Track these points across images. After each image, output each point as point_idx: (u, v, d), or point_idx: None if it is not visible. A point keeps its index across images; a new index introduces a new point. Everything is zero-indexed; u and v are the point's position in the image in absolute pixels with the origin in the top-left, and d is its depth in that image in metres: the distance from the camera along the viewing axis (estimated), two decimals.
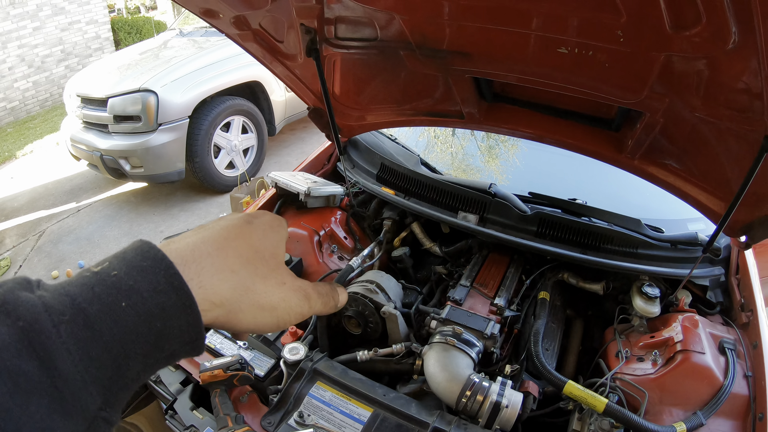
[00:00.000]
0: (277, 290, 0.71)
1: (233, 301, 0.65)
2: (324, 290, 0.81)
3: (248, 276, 0.67)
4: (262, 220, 0.76)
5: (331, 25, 2.07)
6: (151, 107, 6.02)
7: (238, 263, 0.67)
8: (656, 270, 2.27)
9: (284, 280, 0.73)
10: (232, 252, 0.67)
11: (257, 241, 0.72)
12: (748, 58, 1.34)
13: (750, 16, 1.19)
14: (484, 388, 1.79)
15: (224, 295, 0.64)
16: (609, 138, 2.16)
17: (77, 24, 12.73)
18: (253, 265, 0.69)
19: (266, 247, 0.72)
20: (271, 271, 0.71)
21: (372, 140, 3.14)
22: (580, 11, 1.47)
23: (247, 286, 0.67)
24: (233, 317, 0.66)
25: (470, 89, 2.18)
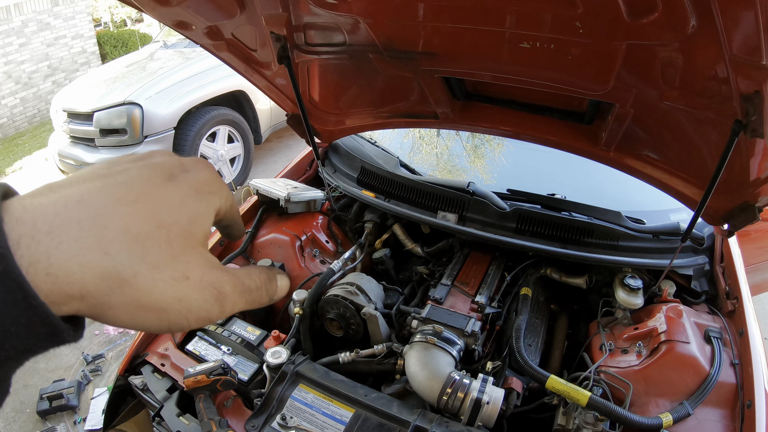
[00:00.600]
0: (171, 287, 0.49)
1: (98, 296, 0.45)
2: (253, 283, 0.59)
3: (129, 262, 0.46)
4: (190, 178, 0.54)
5: (301, 32, 2.08)
6: (136, 120, 6.00)
7: (117, 241, 0.45)
8: (638, 261, 2.27)
9: (188, 273, 0.50)
10: (116, 224, 0.45)
11: (166, 210, 0.49)
12: (711, 43, 1.35)
13: (707, 1, 1.19)
14: (464, 386, 1.79)
15: (86, 286, 0.44)
16: (583, 131, 2.16)
17: (63, 39, 12.70)
18: (141, 247, 0.46)
19: (178, 220, 0.50)
20: (171, 258, 0.49)
21: (352, 144, 3.15)
22: (537, 5, 1.48)
23: (124, 278, 0.45)
24: (101, 314, 0.47)
25: (442, 89, 2.19)
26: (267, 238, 2.66)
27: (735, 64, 1.35)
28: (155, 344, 2.27)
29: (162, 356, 2.22)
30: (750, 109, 1.45)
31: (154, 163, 0.52)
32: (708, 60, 1.44)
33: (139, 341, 2.25)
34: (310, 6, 1.83)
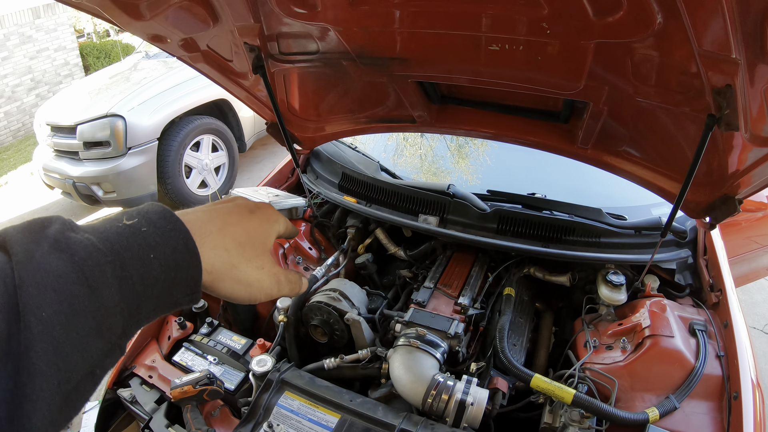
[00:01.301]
0: (255, 272, 0.85)
1: (220, 272, 0.79)
2: (293, 278, 0.95)
3: (237, 256, 0.82)
4: (263, 212, 0.92)
5: (274, 42, 2.08)
6: (120, 132, 5.98)
7: (232, 244, 0.81)
8: (620, 257, 2.28)
9: (263, 265, 0.87)
10: (230, 234, 0.82)
11: (252, 230, 0.87)
12: (679, 39, 1.35)
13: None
14: (448, 387, 1.79)
15: (215, 266, 0.78)
16: (560, 130, 2.17)
17: (45, 51, 12.67)
18: (242, 248, 0.83)
19: (258, 236, 0.87)
20: (255, 256, 0.85)
21: (333, 150, 3.15)
22: (503, 8, 1.48)
23: (233, 264, 0.81)
24: (216, 284, 0.80)
25: (416, 93, 2.19)
26: None
27: (705, 59, 1.36)
28: (143, 356, 2.27)
29: (149, 368, 2.21)
30: (722, 102, 1.45)
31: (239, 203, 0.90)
32: (678, 56, 1.45)
33: (126, 354, 2.25)
34: (281, 16, 1.83)
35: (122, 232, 0.66)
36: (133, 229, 0.67)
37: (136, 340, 2.33)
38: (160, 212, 0.71)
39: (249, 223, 0.87)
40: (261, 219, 0.90)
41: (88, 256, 0.61)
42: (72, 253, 0.60)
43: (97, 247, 0.63)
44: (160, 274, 0.68)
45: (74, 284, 0.59)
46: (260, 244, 0.88)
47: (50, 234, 0.62)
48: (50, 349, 0.55)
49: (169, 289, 0.70)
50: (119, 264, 0.63)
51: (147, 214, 0.70)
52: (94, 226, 0.67)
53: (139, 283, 0.66)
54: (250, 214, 0.89)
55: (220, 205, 0.87)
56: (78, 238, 0.63)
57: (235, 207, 0.88)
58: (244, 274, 0.83)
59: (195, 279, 0.73)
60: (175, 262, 0.69)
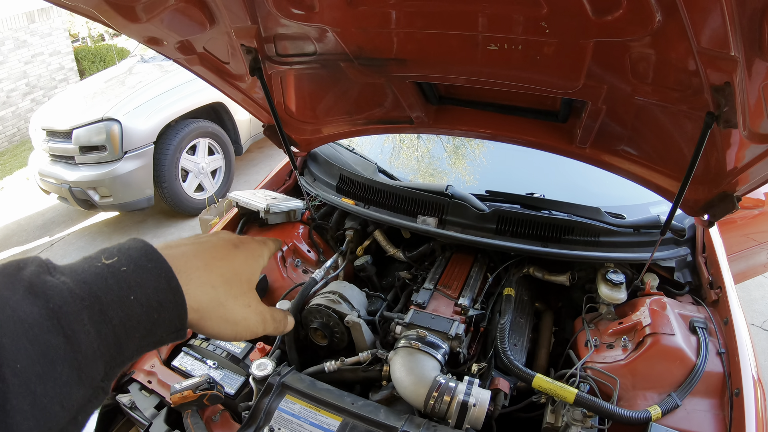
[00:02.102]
0: (242, 310, 0.85)
1: (207, 310, 0.78)
2: (278, 316, 0.96)
3: (223, 293, 0.81)
4: (247, 246, 0.92)
5: (271, 43, 2.07)
6: (116, 136, 5.99)
7: (218, 281, 0.80)
8: (620, 256, 2.28)
9: (250, 303, 0.87)
10: (216, 271, 0.81)
11: (238, 266, 0.86)
12: (678, 38, 1.35)
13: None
14: (450, 389, 1.78)
15: (202, 303, 0.77)
16: (558, 130, 2.17)
17: (40, 56, 12.65)
18: (229, 285, 0.82)
19: (244, 272, 0.87)
20: (242, 293, 0.85)
21: (330, 152, 3.15)
22: (502, 7, 1.48)
23: (220, 302, 0.80)
24: (203, 322, 0.78)
25: (414, 94, 2.18)
26: None
27: (704, 57, 1.36)
28: (141, 361, 2.25)
29: (149, 373, 2.20)
30: (721, 100, 1.45)
31: (223, 237, 0.90)
32: (677, 54, 1.45)
33: None
34: (279, 18, 1.83)
35: (101, 273, 0.65)
36: (112, 269, 0.66)
37: None
38: (141, 249, 0.70)
39: (235, 259, 0.87)
40: (246, 254, 0.90)
41: (64, 303, 0.60)
42: (47, 299, 0.59)
43: (74, 292, 0.61)
44: (142, 315, 0.66)
45: (49, 333, 0.57)
46: (246, 280, 0.88)
47: (25, 277, 0.60)
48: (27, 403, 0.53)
49: (153, 329, 0.68)
50: (98, 308, 0.62)
51: (128, 252, 0.69)
52: (72, 267, 0.65)
53: (119, 325, 0.64)
54: (235, 249, 0.89)
55: (204, 239, 0.87)
56: (53, 282, 0.61)
57: (219, 241, 0.88)
58: (231, 312, 0.83)
59: (180, 317, 0.72)
60: (158, 301, 0.68)
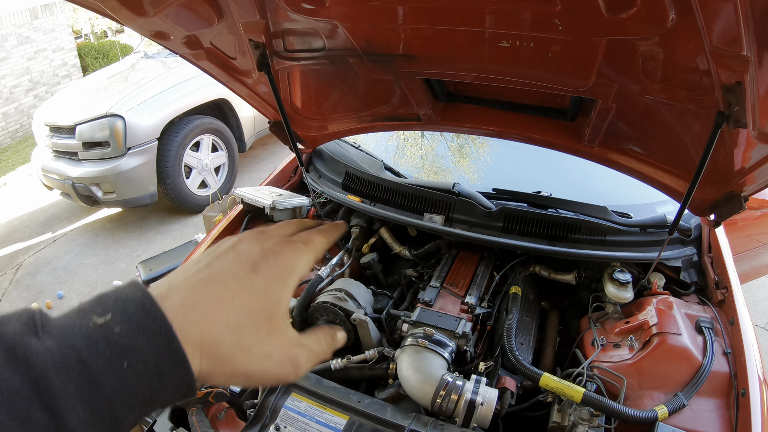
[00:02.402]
0: (258, 363, 0.68)
1: (209, 371, 0.65)
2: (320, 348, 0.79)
3: (229, 348, 0.65)
4: (272, 265, 0.73)
5: (279, 38, 2.07)
6: (119, 132, 5.98)
7: (221, 333, 0.65)
8: (626, 255, 2.28)
9: (271, 352, 0.69)
10: (220, 319, 0.65)
11: (254, 302, 0.68)
12: (691, 36, 1.35)
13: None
14: (458, 387, 1.78)
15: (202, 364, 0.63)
16: (566, 128, 2.16)
17: (43, 52, 12.65)
18: (238, 335, 0.66)
19: (264, 307, 0.69)
20: (259, 341, 0.68)
21: (336, 149, 3.14)
22: (515, 4, 1.47)
23: (225, 359, 0.65)
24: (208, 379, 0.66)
25: (423, 91, 2.18)
26: None
27: (716, 56, 1.35)
28: None
29: None
30: (732, 100, 1.45)
31: (241, 254, 0.72)
32: (689, 53, 1.44)
33: None
34: (288, 12, 1.82)
35: (91, 335, 0.56)
36: (104, 329, 0.57)
37: None
38: (138, 302, 0.60)
39: (251, 292, 0.69)
40: (269, 279, 0.71)
41: (46, 373, 0.52)
42: (29, 366, 0.51)
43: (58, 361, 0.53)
44: (140, 384, 0.57)
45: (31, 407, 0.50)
46: (265, 319, 0.69)
47: (8, 337, 0.53)
48: None
49: (154, 396, 0.59)
50: (87, 378, 0.54)
51: (124, 306, 0.59)
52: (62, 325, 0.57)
53: (112, 395, 0.55)
54: (252, 275, 0.70)
55: (215, 265, 0.70)
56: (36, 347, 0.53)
57: (232, 267, 0.70)
58: (241, 367, 0.67)
59: (186, 382, 0.62)
60: (157, 368, 0.58)
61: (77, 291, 5.85)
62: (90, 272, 6.18)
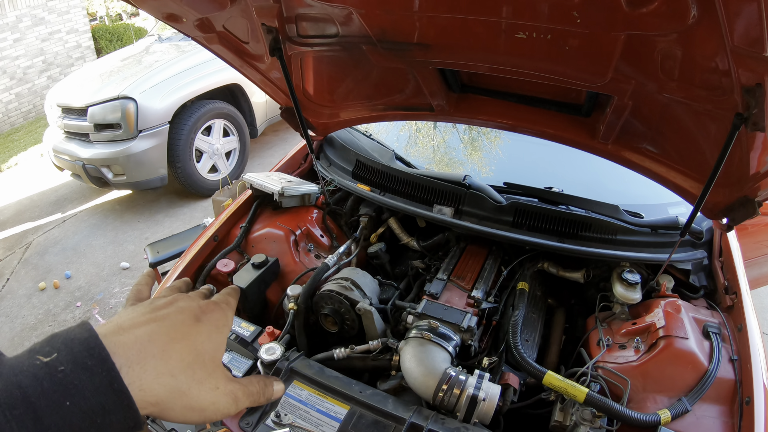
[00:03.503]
0: (209, 395, 0.75)
1: (167, 402, 0.70)
2: (255, 389, 0.86)
3: (185, 381, 0.72)
4: (210, 318, 0.82)
5: (293, 24, 2.05)
6: (131, 114, 5.99)
7: (178, 368, 0.71)
8: (636, 256, 2.26)
9: (218, 385, 0.77)
10: (176, 355, 0.72)
11: (200, 344, 0.77)
12: (712, 34, 1.33)
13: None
14: (460, 382, 1.77)
15: (160, 397, 0.68)
16: (581, 124, 2.14)
17: (58, 34, 12.67)
18: (191, 370, 0.73)
19: (208, 350, 0.78)
20: (207, 375, 0.76)
21: (347, 137, 3.13)
22: None
23: (183, 391, 0.72)
24: (165, 414, 0.71)
25: (437, 81, 2.16)
26: (261, 232, 2.63)
27: (736, 56, 1.34)
28: None
29: None
30: (751, 101, 1.43)
31: (182, 308, 0.80)
32: (709, 51, 1.42)
33: None
34: None
35: (37, 374, 0.58)
36: (49, 368, 0.59)
37: None
38: (84, 341, 0.62)
39: (197, 337, 0.77)
40: (209, 328, 0.80)
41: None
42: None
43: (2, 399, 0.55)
44: (83, 422, 0.59)
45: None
46: (210, 359, 0.78)
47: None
48: None
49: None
50: (31, 415, 0.55)
51: (70, 345, 0.62)
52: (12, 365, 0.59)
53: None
54: (197, 324, 0.79)
55: (162, 314, 0.76)
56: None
57: (178, 315, 0.77)
58: (197, 399, 0.74)
59: (130, 418, 0.63)
60: (100, 405, 0.60)
61: (85, 271, 5.87)
62: (98, 253, 6.20)
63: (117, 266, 5.89)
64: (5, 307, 5.43)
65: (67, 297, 5.47)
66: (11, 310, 5.37)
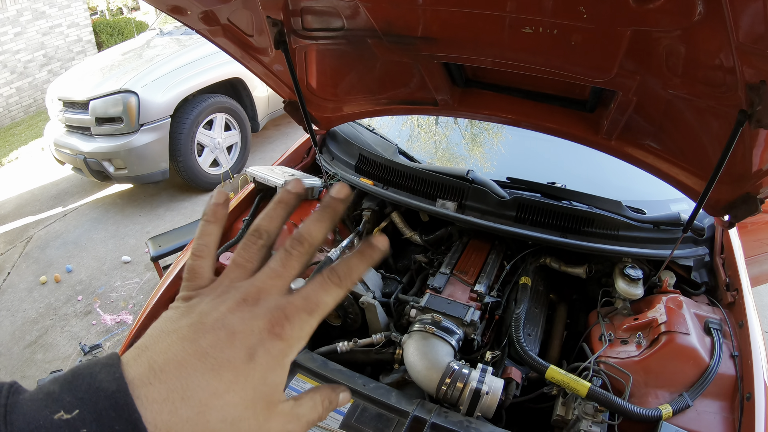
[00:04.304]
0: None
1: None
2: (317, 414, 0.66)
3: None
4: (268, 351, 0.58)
5: (298, 17, 2.05)
6: (132, 108, 5.98)
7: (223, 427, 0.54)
8: (638, 252, 2.26)
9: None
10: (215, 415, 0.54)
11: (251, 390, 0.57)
12: (717, 31, 1.33)
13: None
14: (463, 375, 1.78)
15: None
16: (585, 119, 2.14)
17: (58, 28, 12.64)
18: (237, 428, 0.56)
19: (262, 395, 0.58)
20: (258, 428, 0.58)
21: (350, 131, 3.13)
22: None
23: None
24: None
25: (441, 75, 2.16)
26: None
27: (741, 53, 1.34)
28: None
29: None
30: (755, 99, 1.43)
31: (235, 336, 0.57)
32: (714, 48, 1.42)
33: (136, 330, 2.23)
34: None
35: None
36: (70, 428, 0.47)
37: (146, 317, 2.30)
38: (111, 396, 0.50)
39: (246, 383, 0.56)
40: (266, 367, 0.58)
41: None
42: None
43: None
44: None
45: None
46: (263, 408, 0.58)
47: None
48: None
49: None
50: None
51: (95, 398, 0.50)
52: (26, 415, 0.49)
53: None
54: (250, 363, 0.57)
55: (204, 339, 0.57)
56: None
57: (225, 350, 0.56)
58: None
59: None
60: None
61: (86, 265, 5.87)
62: (99, 247, 6.20)
63: (118, 260, 5.88)
64: (6, 301, 5.43)
65: (68, 291, 5.46)
66: (12, 304, 5.36)
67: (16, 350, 4.74)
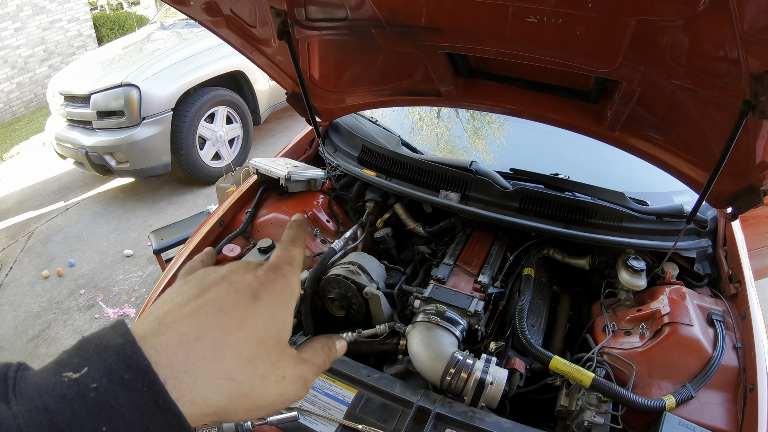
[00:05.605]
0: (275, 388, 0.63)
1: (227, 409, 0.58)
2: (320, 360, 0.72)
3: (246, 381, 0.59)
4: (271, 291, 0.65)
5: (301, 7, 2.04)
6: (134, 101, 5.98)
7: (236, 367, 0.58)
8: (641, 243, 2.26)
9: (285, 374, 0.64)
10: (232, 352, 0.57)
11: (261, 329, 0.61)
12: (722, 20, 1.33)
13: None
14: (468, 366, 1.78)
15: (219, 406, 0.57)
16: (588, 110, 2.14)
17: (59, 23, 12.62)
18: (252, 366, 0.60)
19: (271, 334, 0.62)
20: (272, 366, 0.62)
21: (353, 123, 3.13)
22: None
23: (244, 393, 0.59)
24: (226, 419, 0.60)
25: (445, 66, 2.15)
26: (267, 217, 2.64)
27: (746, 43, 1.33)
28: None
29: None
30: (759, 89, 1.43)
31: (236, 283, 0.64)
32: (718, 38, 1.42)
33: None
34: None
35: (66, 394, 0.47)
36: (80, 386, 0.47)
37: None
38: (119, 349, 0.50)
39: (256, 321, 0.61)
40: (272, 305, 0.64)
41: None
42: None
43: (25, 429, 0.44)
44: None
45: None
46: (274, 346, 0.63)
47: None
48: None
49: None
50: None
51: (102, 354, 0.50)
52: (36, 383, 0.48)
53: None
54: (255, 303, 0.62)
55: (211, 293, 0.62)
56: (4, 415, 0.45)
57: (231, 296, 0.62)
58: (261, 398, 0.62)
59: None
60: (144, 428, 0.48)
61: (88, 259, 5.88)
62: (101, 241, 6.21)
63: (120, 254, 5.89)
64: (9, 296, 5.45)
65: (70, 285, 5.47)
66: (15, 299, 5.38)
67: (19, 344, 4.75)
